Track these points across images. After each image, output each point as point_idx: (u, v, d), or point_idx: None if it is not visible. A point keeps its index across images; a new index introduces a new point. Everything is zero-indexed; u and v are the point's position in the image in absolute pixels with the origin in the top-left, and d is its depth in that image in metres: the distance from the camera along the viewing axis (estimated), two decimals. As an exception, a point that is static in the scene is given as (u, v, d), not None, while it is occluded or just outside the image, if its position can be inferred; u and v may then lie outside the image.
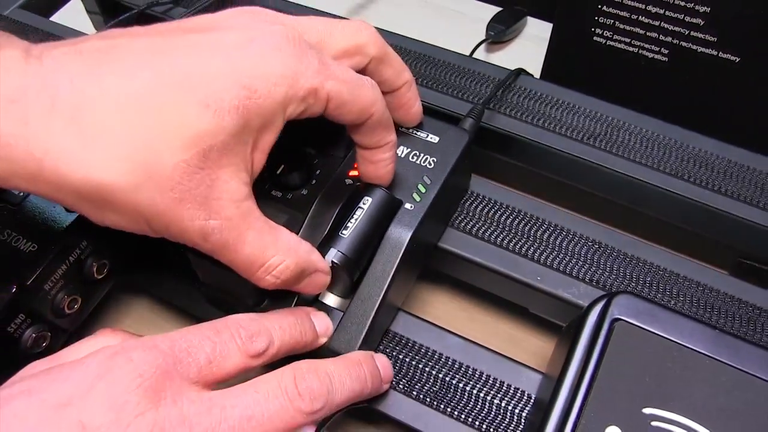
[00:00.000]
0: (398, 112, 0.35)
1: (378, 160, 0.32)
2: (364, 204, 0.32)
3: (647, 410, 0.25)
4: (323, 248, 0.31)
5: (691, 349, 0.26)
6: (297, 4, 0.53)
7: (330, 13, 0.52)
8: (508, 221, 0.39)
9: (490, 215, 0.39)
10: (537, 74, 0.51)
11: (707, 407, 0.25)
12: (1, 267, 0.34)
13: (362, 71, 0.32)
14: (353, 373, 0.29)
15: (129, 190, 0.25)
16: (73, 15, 0.61)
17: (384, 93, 0.32)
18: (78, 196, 0.25)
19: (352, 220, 0.32)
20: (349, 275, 0.32)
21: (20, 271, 0.34)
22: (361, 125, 0.30)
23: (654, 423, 0.25)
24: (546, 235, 0.38)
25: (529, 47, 0.61)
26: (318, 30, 0.30)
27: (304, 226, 0.34)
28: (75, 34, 0.54)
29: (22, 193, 0.37)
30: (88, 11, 0.62)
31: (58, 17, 0.59)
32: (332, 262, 0.31)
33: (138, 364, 0.24)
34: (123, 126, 0.24)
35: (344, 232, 0.32)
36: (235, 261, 0.28)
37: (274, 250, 0.28)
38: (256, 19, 0.29)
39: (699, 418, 0.25)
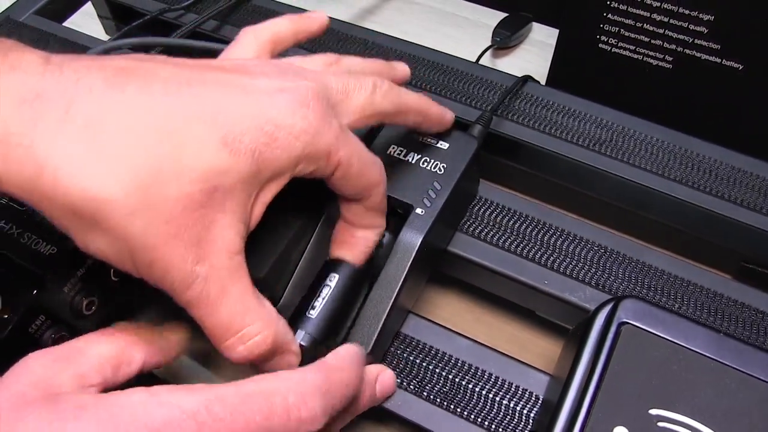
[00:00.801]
0: None
1: (359, 237, 0.32)
2: (330, 281, 0.32)
3: (654, 411, 0.26)
4: (292, 326, 0.30)
5: (697, 352, 0.27)
6: (295, 8, 0.54)
7: (336, 19, 0.53)
8: (516, 226, 0.40)
9: (498, 220, 0.40)
10: (542, 79, 0.52)
11: (712, 409, 0.26)
12: (21, 269, 0.35)
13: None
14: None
15: (124, 211, 0.23)
16: (86, 20, 0.62)
17: None
18: (70, 210, 0.23)
19: (320, 299, 0.31)
20: (319, 356, 0.29)
21: (40, 274, 0.35)
22: (358, 202, 0.30)
23: (660, 424, 0.26)
24: (553, 240, 0.39)
25: (535, 53, 0.62)
26: (337, 90, 0.29)
27: (316, 232, 0.35)
28: (88, 38, 0.55)
29: (41, 197, 0.38)
30: (99, 16, 0.63)
31: (71, 22, 0.60)
32: (300, 344, 0.30)
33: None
34: (135, 145, 0.23)
35: (311, 312, 0.31)
36: (210, 320, 0.25)
37: (255, 317, 0.26)
38: (284, 70, 0.28)
39: (704, 419, 0.26)
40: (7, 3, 0.58)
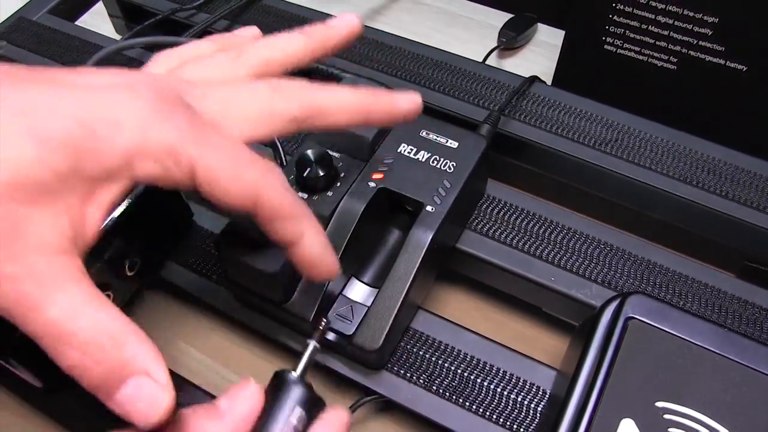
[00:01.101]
0: None
1: (301, 256, 0.27)
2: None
3: (660, 404, 0.27)
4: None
5: (701, 346, 0.28)
6: (315, 11, 0.55)
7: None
8: (523, 224, 0.40)
9: (505, 218, 0.41)
10: (548, 79, 0.53)
11: (716, 401, 0.26)
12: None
13: None
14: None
15: None
16: (97, 19, 0.62)
17: None
18: None
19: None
20: None
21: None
22: (254, 215, 0.26)
23: (666, 416, 0.26)
24: (560, 238, 0.40)
25: (540, 53, 0.63)
26: (200, 93, 0.26)
27: (329, 225, 0.36)
28: (100, 37, 0.55)
29: (58, 193, 0.39)
30: (110, 15, 0.64)
31: (83, 21, 0.60)
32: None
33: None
34: None
35: None
36: (36, 324, 0.22)
37: (91, 320, 0.22)
38: (126, 71, 0.26)
39: (708, 411, 0.26)
40: (19, 3, 0.59)
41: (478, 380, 0.35)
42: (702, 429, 0.26)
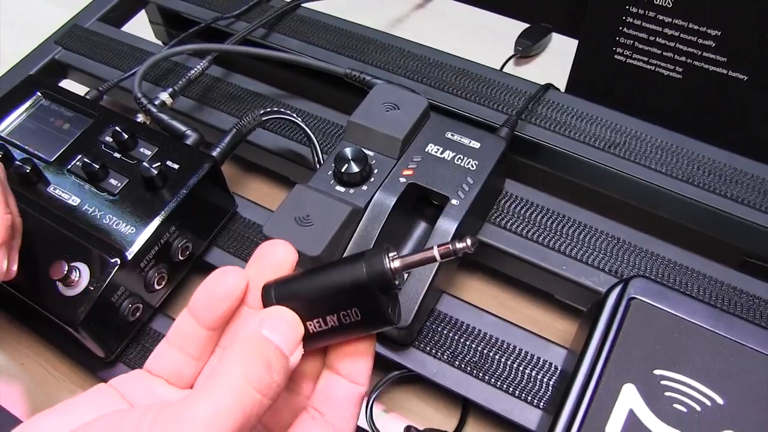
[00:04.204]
0: None
1: None
2: None
3: (658, 372, 0.31)
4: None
5: (695, 323, 0.31)
6: (336, 17, 0.59)
7: (367, 27, 0.58)
8: (538, 218, 0.44)
9: (522, 213, 0.45)
10: (561, 86, 0.57)
11: (707, 370, 0.30)
12: (107, 245, 0.40)
13: None
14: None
15: None
16: (141, 25, 0.67)
17: None
18: None
19: None
20: None
21: (122, 250, 0.40)
22: None
23: (663, 382, 0.30)
24: (571, 231, 0.44)
25: (555, 61, 0.66)
26: None
27: (364, 216, 0.40)
28: (146, 43, 0.60)
29: (119, 184, 0.43)
30: (151, 22, 0.69)
31: (128, 27, 0.65)
32: None
33: None
34: None
35: None
36: None
37: None
38: None
39: (700, 378, 0.30)
40: (68, 12, 0.63)
41: (496, 357, 0.39)
42: (693, 392, 0.30)
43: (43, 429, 0.26)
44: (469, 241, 0.26)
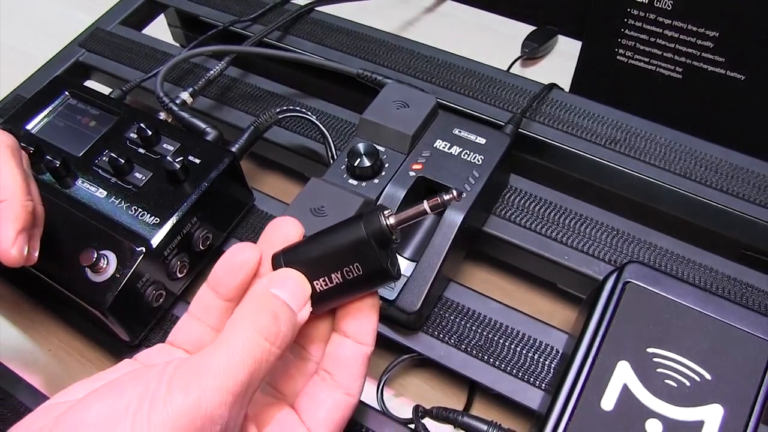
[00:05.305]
0: None
1: None
2: None
3: (650, 350, 0.33)
4: None
5: (686, 305, 0.33)
6: (348, 20, 0.61)
7: (378, 29, 0.60)
8: (542, 211, 0.46)
9: (526, 205, 0.47)
10: (566, 86, 0.58)
11: (696, 348, 0.32)
12: (133, 234, 0.42)
13: None
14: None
15: None
16: (160, 28, 0.70)
17: None
18: None
19: None
20: None
21: (147, 239, 0.42)
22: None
23: (655, 359, 0.32)
24: (573, 223, 0.46)
25: (560, 63, 0.68)
26: None
27: (375, 208, 0.42)
28: (167, 45, 0.62)
29: (144, 178, 0.45)
30: (169, 25, 0.71)
31: (148, 30, 0.68)
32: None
33: None
34: None
35: None
36: None
37: None
38: None
39: (690, 355, 0.32)
40: (91, 16, 0.66)
41: (501, 341, 0.41)
42: (683, 368, 0.32)
43: (77, 393, 0.29)
44: (455, 192, 0.30)
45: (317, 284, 0.31)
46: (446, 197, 0.30)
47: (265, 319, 0.28)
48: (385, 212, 0.30)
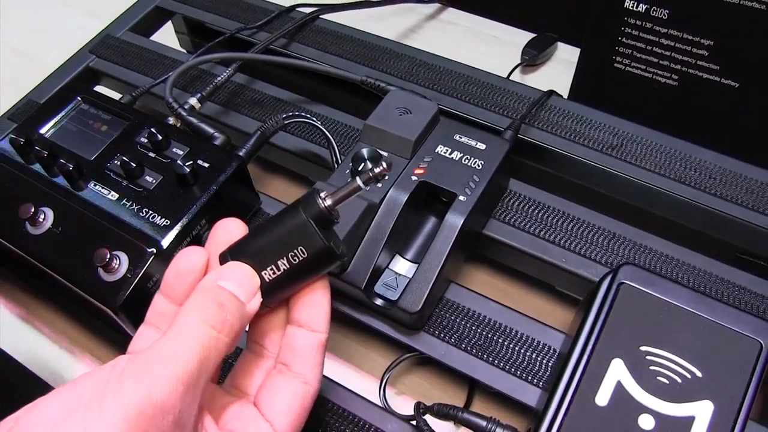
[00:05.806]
0: None
1: None
2: None
3: (643, 348, 0.34)
4: None
5: (678, 305, 0.35)
6: (352, 28, 0.63)
7: (381, 36, 0.62)
8: (540, 215, 0.48)
9: (525, 209, 0.48)
10: (565, 93, 0.60)
11: (688, 347, 0.34)
12: (143, 236, 0.44)
13: None
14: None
15: None
16: (167, 35, 0.71)
17: None
18: None
19: None
20: None
21: (157, 240, 0.44)
22: None
23: (648, 357, 0.34)
24: (571, 226, 0.47)
25: (559, 70, 0.70)
26: None
27: (379, 211, 0.43)
28: (175, 52, 0.64)
29: (154, 181, 0.47)
30: (176, 32, 0.73)
31: (156, 37, 0.69)
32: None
33: None
34: None
35: None
36: None
37: None
38: None
39: (682, 354, 0.33)
40: (99, 23, 0.68)
41: (500, 340, 0.43)
42: (675, 366, 0.33)
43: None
44: (384, 164, 0.30)
45: (266, 274, 0.31)
46: (377, 170, 0.31)
47: (211, 308, 0.29)
48: (322, 193, 0.31)
